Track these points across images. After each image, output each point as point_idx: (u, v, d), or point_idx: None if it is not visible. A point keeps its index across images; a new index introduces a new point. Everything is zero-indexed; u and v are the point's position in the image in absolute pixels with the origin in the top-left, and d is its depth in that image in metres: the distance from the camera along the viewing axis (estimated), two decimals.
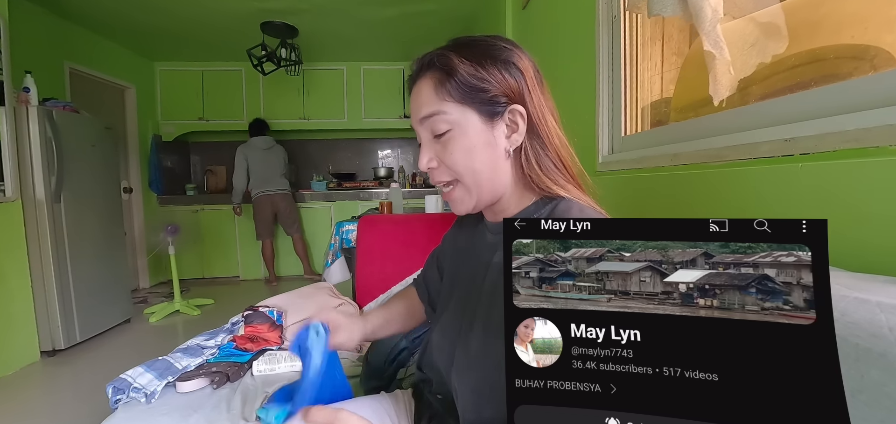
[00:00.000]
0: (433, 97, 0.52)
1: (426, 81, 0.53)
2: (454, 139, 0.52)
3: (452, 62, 0.52)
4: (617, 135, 1.34)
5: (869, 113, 0.60)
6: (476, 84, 0.51)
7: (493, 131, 0.53)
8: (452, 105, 0.52)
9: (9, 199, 2.18)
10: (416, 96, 0.55)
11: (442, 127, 0.52)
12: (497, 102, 0.52)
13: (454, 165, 0.53)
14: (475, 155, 0.52)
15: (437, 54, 0.54)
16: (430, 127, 0.53)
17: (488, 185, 0.54)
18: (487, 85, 0.51)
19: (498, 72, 0.52)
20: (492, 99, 0.52)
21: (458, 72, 0.51)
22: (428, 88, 0.53)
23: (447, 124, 0.52)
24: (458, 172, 0.53)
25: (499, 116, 0.52)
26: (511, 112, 0.52)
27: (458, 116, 0.52)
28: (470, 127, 0.52)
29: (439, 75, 0.52)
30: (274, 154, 3.63)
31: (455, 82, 0.51)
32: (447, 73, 0.52)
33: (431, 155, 0.54)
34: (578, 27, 1.54)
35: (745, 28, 0.93)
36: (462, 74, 0.51)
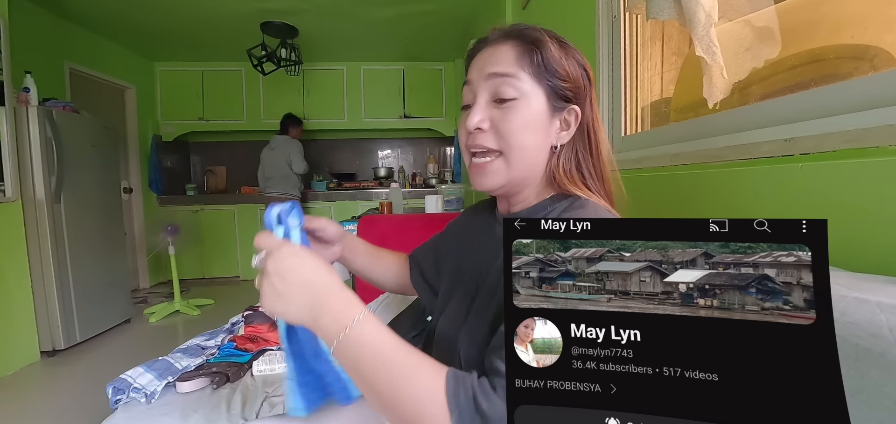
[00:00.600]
0: (512, 61, 0.52)
1: (508, 46, 0.53)
2: (517, 109, 0.51)
3: (543, 38, 0.52)
4: (617, 135, 1.34)
5: (869, 113, 0.60)
6: (556, 68, 0.52)
7: (551, 120, 0.53)
8: (528, 77, 0.52)
9: (9, 199, 2.18)
10: (492, 53, 0.54)
11: (509, 92, 0.51)
12: (563, 95, 0.53)
13: (509, 133, 0.52)
14: (530, 133, 0.52)
15: (529, 26, 0.54)
16: (494, 87, 0.52)
17: (528, 168, 0.54)
18: (565, 74, 0.52)
19: (576, 66, 0.54)
20: (562, 89, 0.53)
21: (547, 49, 0.52)
22: (509, 52, 0.52)
23: (516, 92, 0.51)
24: (510, 142, 0.52)
25: (560, 110, 0.53)
26: (568, 111, 0.53)
27: (529, 89, 0.52)
28: (535, 104, 0.52)
29: (525, 46, 0.52)
30: (276, 155, 3.58)
31: (540, 57, 0.52)
32: (535, 45, 0.52)
33: (484, 117, 0.53)
34: (578, 27, 1.54)
35: (740, 32, 0.93)
36: (549, 53, 0.52)
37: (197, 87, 4.18)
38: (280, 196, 3.58)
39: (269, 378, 1.07)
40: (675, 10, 0.94)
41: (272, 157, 3.58)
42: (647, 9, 1.01)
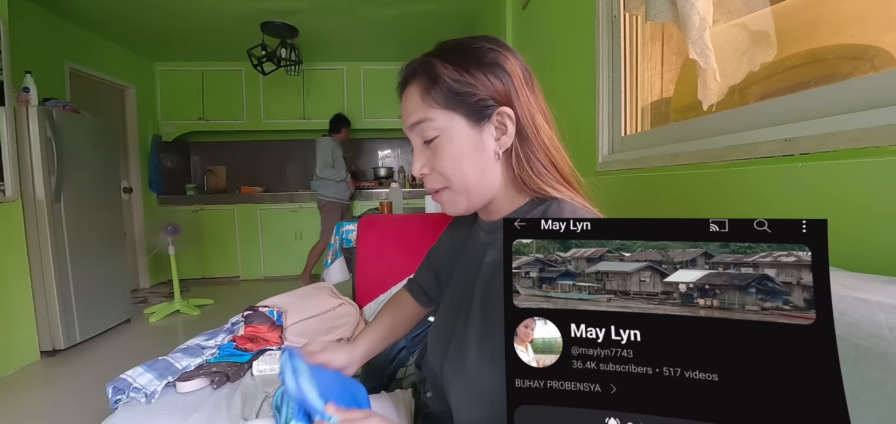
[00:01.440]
0: (420, 104, 0.52)
1: (413, 89, 0.54)
2: (441, 146, 0.52)
3: (436, 69, 0.52)
4: (617, 135, 1.34)
5: (869, 113, 0.60)
6: (460, 89, 0.51)
7: (482, 135, 0.52)
8: (439, 111, 0.52)
9: (9, 199, 2.18)
10: (405, 104, 0.55)
11: (430, 133, 0.52)
12: (484, 106, 0.51)
13: (443, 171, 0.53)
14: (463, 161, 0.52)
15: (420, 62, 0.54)
16: (419, 133, 0.54)
17: (477, 188, 0.54)
18: (473, 89, 0.51)
19: (483, 75, 0.51)
20: (478, 103, 0.51)
21: (443, 78, 0.51)
22: (415, 96, 0.53)
23: (435, 131, 0.52)
24: (448, 176, 0.53)
25: (487, 119, 0.52)
26: (499, 114, 0.52)
27: (444, 123, 0.52)
28: (457, 132, 0.52)
29: (425, 82, 0.52)
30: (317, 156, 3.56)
31: (440, 89, 0.51)
32: (432, 79, 0.52)
33: (424, 161, 0.55)
34: (578, 27, 1.54)
35: (736, 35, 0.93)
36: (446, 80, 0.51)
37: (197, 87, 4.18)
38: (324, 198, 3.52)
39: (269, 377, 1.07)
40: (672, 13, 0.94)
41: (316, 158, 3.57)
42: (646, 11, 1.01)
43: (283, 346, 0.55)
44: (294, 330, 1.25)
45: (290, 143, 4.64)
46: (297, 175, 4.70)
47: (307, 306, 1.35)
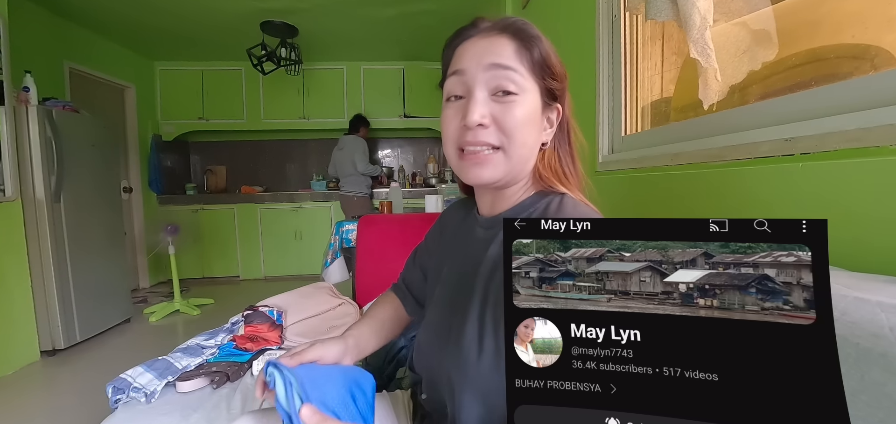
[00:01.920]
0: (512, 56, 0.50)
1: (507, 39, 0.51)
2: (518, 104, 0.50)
3: (536, 35, 0.52)
4: (617, 135, 1.34)
5: (869, 113, 0.60)
6: (549, 66, 0.52)
7: (542, 118, 0.53)
8: (526, 73, 0.51)
9: (8, 199, 2.18)
10: (488, 46, 0.51)
11: (511, 86, 0.49)
12: (553, 93, 0.53)
13: (512, 128, 0.49)
14: (529, 129, 0.51)
15: (522, 20, 0.53)
16: (495, 80, 0.50)
17: (523, 164, 0.53)
18: (556, 73, 0.53)
19: (560, 67, 0.53)
20: (552, 87, 0.53)
21: (542, 46, 0.51)
22: (508, 46, 0.51)
23: (516, 87, 0.50)
24: (512, 138, 0.50)
25: (548, 107, 0.54)
26: (552, 109, 0.54)
27: (528, 86, 0.51)
28: (532, 101, 0.51)
29: (523, 42, 0.51)
30: (344, 155, 3.55)
31: (537, 54, 0.51)
32: (531, 42, 0.51)
33: (487, 111, 0.50)
34: (578, 27, 1.54)
35: (737, 34, 0.93)
36: (544, 49, 0.51)
37: (197, 86, 4.18)
38: (349, 195, 3.54)
39: None
40: (672, 12, 0.94)
41: (341, 157, 3.56)
42: (646, 10, 1.01)
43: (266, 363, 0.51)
44: (294, 330, 1.25)
45: (290, 142, 4.64)
46: (297, 175, 4.70)
47: (307, 305, 1.35)
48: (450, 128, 0.53)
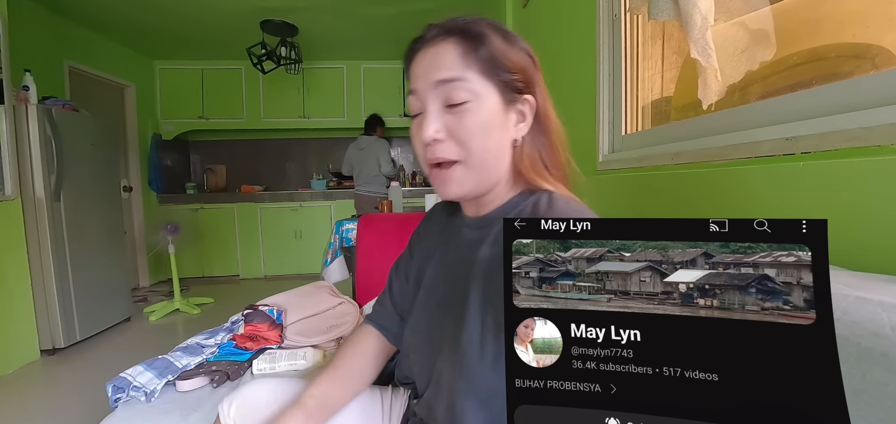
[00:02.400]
0: (457, 62, 0.48)
1: (450, 45, 0.49)
2: (472, 112, 0.48)
3: (485, 31, 0.49)
4: (617, 134, 1.34)
5: (870, 112, 0.59)
6: (503, 61, 0.49)
7: (507, 116, 0.50)
8: (476, 76, 0.48)
9: (8, 198, 2.18)
10: (434, 58, 0.49)
11: (461, 96, 0.48)
12: (515, 87, 0.50)
13: (468, 139, 0.48)
14: (491, 134, 0.49)
15: (466, 19, 0.50)
16: (444, 94, 0.48)
17: (492, 170, 0.51)
18: (513, 65, 0.49)
19: (523, 55, 0.50)
20: (512, 82, 0.50)
21: (491, 43, 0.48)
22: (452, 53, 0.49)
23: (468, 94, 0.48)
24: (470, 148, 0.48)
25: (513, 102, 0.50)
26: (523, 102, 0.51)
27: (480, 89, 0.48)
28: (489, 103, 0.48)
29: (468, 43, 0.49)
30: (366, 155, 3.52)
31: (485, 53, 0.48)
32: (478, 41, 0.48)
33: (441, 126, 0.48)
34: (579, 26, 1.54)
35: (736, 34, 0.93)
36: (494, 46, 0.48)
37: (197, 85, 4.18)
38: (371, 195, 3.53)
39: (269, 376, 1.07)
40: (674, 12, 0.94)
41: (362, 157, 3.54)
42: (648, 10, 1.01)
43: None
44: (294, 329, 1.25)
45: (289, 141, 4.64)
46: (297, 174, 4.70)
47: (307, 305, 1.35)
48: (417, 146, 0.52)
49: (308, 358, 1.09)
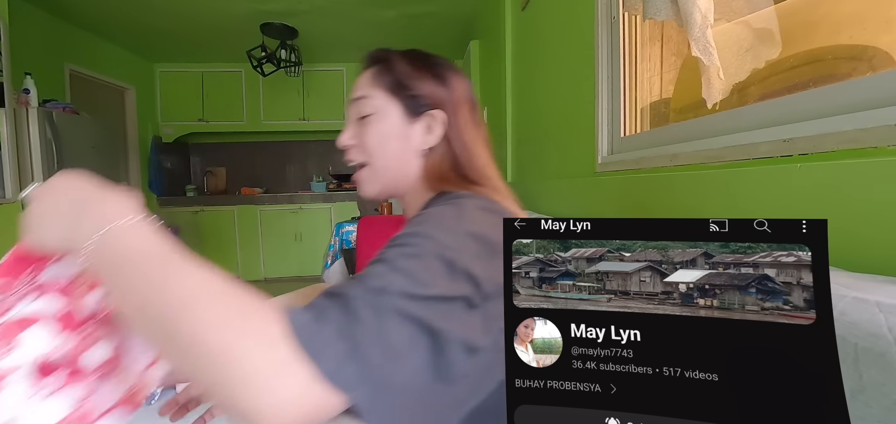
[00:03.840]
0: (368, 84, 0.58)
1: (369, 71, 0.60)
2: (372, 123, 0.58)
3: (393, 60, 0.59)
4: (616, 135, 1.34)
5: (867, 113, 0.60)
6: (406, 82, 0.58)
7: (411, 128, 0.58)
8: (381, 94, 0.58)
9: (9, 200, 2.18)
10: (357, 81, 0.61)
11: (366, 110, 0.58)
12: (420, 103, 0.58)
13: (367, 145, 0.58)
14: (388, 142, 0.58)
15: (384, 51, 0.60)
16: (357, 108, 0.59)
17: (394, 174, 0.59)
18: (415, 86, 0.58)
19: (430, 79, 0.59)
20: (416, 100, 0.58)
21: (395, 69, 0.58)
22: (367, 76, 0.59)
23: (371, 108, 0.58)
24: (369, 153, 0.58)
25: (418, 115, 0.58)
26: (431, 115, 0.58)
27: (382, 104, 0.57)
28: (390, 117, 0.57)
29: (380, 67, 0.59)
30: None
31: (389, 76, 0.58)
32: (387, 67, 0.58)
33: (352, 134, 0.60)
34: (577, 28, 1.55)
35: (740, 33, 0.94)
36: (397, 70, 0.58)
37: (197, 88, 4.18)
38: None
39: None
40: (671, 11, 0.94)
41: None
42: (643, 9, 1.01)
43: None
44: None
45: (289, 144, 4.64)
46: (297, 176, 4.71)
47: None
48: None
49: None
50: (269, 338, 0.30)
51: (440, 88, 0.59)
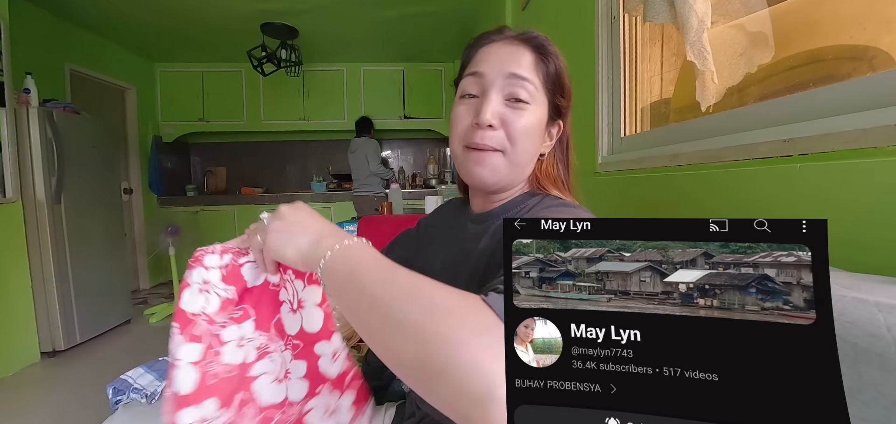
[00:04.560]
0: (531, 67, 0.53)
1: (529, 51, 0.54)
2: (527, 113, 0.53)
3: (555, 53, 0.55)
4: (616, 135, 1.34)
5: (867, 113, 0.60)
6: (561, 83, 0.55)
7: (545, 130, 0.56)
8: (540, 86, 0.53)
9: (9, 200, 2.18)
10: (511, 54, 0.53)
11: (524, 96, 0.52)
12: (559, 109, 0.56)
13: (517, 134, 0.52)
14: (532, 139, 0.54)
15: (543, 37, 0.55)
16: (512, 88, 0.52)
17: (521, 170, 0.55)
18: (565, 89, 0.56)
19: (567, 86, 0.57)
20: (558, 103, 0.56)
21: (557, 63, 0.55)
22: (528, 57, 0.53)
23: (529, 97, 0.52)
24: (516, 143, 0.52)
25: (552, 121, 0.57)
26: (555, 124, 0.57)
27: (539, 98, 0.54)
28: (540, 113, 0.54)
29: (541, 56, 0.54)
30: (357, 157, 3.60)
31: (552, 70, 0.54)
32: (549, 57, 0.54)
33: (498, 113, 0.52)
34: (578, 28, 1.55)
35: (734, 36, 0.94)
36: (559, 67, 0.55)
37: (197, 88, 4.18)
38: (369, 195, 3.58)
39: None
40: (670, 15, 0.94)
41: (354, 159, 3.61)
42: (644, 12, 1.02)
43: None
44: None
45: (290, 144, 4.64)
46: (298, 176, 4.71)
47: None
48: (460, 125, 0.55)
49: None
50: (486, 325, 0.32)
51: (571, 98, 0.58)
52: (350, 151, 3.64)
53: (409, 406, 0.68)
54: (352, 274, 0.37)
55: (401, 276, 0.36)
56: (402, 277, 0.35)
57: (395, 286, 0.34)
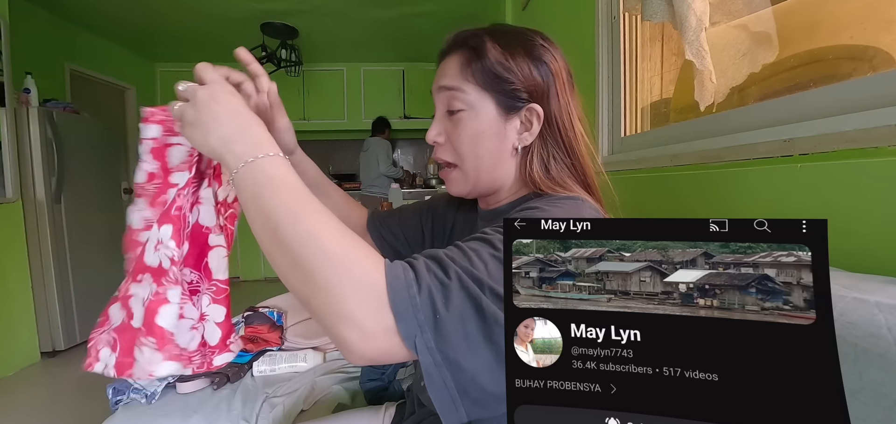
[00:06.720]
0: (457, 74, 0.52)
1: (455, 57, 0.53)
2: (465, 121, 0.51)
3: (484, 45, 0.51)
4: (616, 135, 1.34)
5: (867, 113, 0.60)
6: (501, 73, 0.50)
7: (506, 125, 0.52)
8: (473, 88, 0.51)
9: (9, 199, 2.18)
10: (443, 68, 0.54)
11: (457, 105, 0.52)
12: (517, 97, 0.51)
13: (459, 146, 0.52)
14: (481, 143, 0.52)
15: (470, 33, 0.53)
16: (446, 101, 0.53)
17: (487, 175, 0.53)
18: (512, 77, 0.50)
19: (527, 66, 0.51)
20: (512, 92, 0.50)
21: (487, 57, 0.50)
22: (455, 64, 0.52)
23: (463, 104, 0.51)
24: (462, 154, 0.53)
25: (515, 111, 0.51)
26: (528, 110, 0.51)
27: (475, 100, 0.51)
28: (484, 114, 0.51)
29: (468, 55, 0.51)
30: (369, 156, 3.63)
31: (481, 66, 0.50)
32: (476, 54, 0.51)
33: (441, 130, 0.54)
34: (578, 28, 1.55)
35: (737, 36, 0.94)
36: (490, 60, 0.50)
37: None
38: (376, 197, 3.62)
39: (269, 378, 1.07)
40: (668, 14, 0.95)
41: (366, 159, 3.64)
42: (642, 11, 1.02)
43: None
44: (294, 331, 1.25)
45: None
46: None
47: None
48: None
49: (308, 360, 1.10)
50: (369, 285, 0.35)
51: (536, 72, 0.51)
52: (363, 150, 3.69)
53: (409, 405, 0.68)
54: (259, 197, 0.39)
55: (304, 215, 0.37)
56: (306, 217, 0.37)
57: (298, 226, 0.36)
